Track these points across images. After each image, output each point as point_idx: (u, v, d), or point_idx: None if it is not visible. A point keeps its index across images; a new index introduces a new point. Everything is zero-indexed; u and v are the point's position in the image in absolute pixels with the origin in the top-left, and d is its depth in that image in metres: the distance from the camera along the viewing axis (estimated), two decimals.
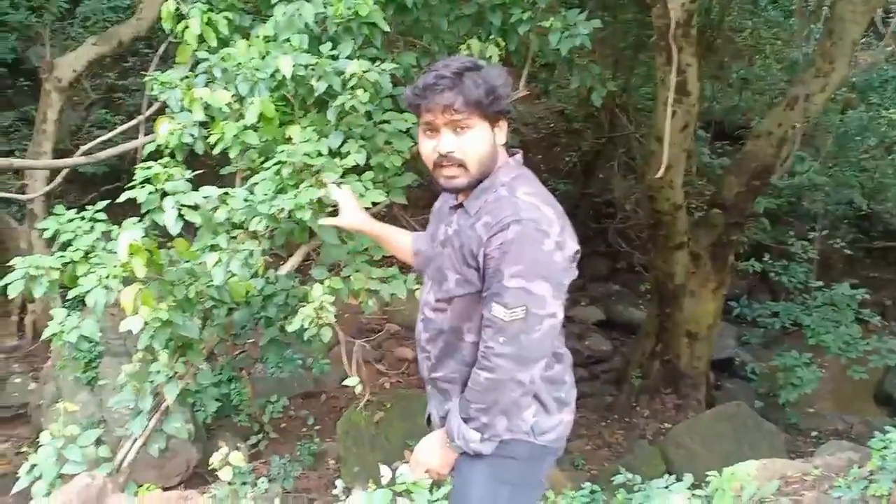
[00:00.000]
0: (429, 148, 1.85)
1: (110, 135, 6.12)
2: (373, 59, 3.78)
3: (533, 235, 1.71)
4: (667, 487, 3.22)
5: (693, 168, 8.72)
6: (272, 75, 3.61)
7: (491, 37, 4.06)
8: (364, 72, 3.51)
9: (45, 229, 3.84)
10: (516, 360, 1.73)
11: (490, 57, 3.91)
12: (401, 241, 2.33)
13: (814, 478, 3.39)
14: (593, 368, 8.47)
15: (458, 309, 1.86)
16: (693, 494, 2.93)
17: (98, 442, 3.74)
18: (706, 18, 8.03)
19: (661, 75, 6.36)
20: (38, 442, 3.69)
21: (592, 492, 3.76)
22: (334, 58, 3.66)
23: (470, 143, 1.80)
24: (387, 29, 3.81)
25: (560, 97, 9.86)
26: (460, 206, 1.89)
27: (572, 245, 1.80)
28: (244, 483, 4.40)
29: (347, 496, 2.15)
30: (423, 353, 2.00)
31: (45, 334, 3.66)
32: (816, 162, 8.69)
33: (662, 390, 7.51)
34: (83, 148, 5.91)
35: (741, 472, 2.84)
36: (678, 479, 3.29)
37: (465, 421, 1.82)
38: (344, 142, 3.74)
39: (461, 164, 1.82)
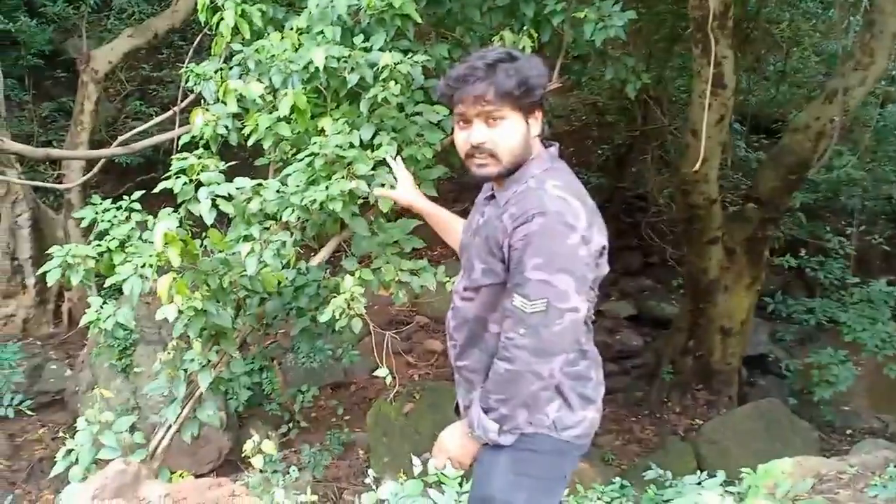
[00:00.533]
0: (462, 139, 1.86)
1: (145, 126, 6.18)
2: (405, 51, 3.78)
3: (557, 228, 1.70)
4: (699, 484, 3.18)
5: (728, 162, 8.61)
6: (305, 67, 3.63)
7: (524, 28, 4.02)
8: (396, 64, 3.51)
9: (81, 218, 3.90)
10: (536, 352, 1.72)
11: (523, 48, 3.88)
12: (452, 224, 2.31)
13: (849, 476, 3.33)
14: (624, 363, 8.41)
15: (484, 299, 1.86)
16: (726, 491, 2.89)
17: (132, 428, 3.79)
18: (743, 10, 7.89)
19: (697, 67, 6.28)
20: (75, 427, 3.76)
21: (622, 487, 3.74)
22: (367, 50, 3.66)
23: (501, 134, 1.80)
24: (419, 20, 3.80)
25: (593, 89, 9.75)
26: (492, 196, 1.88)
27: (599, 240, 1.78)
28: (275, 471, 4.45)
29: (378, 486, 2.16)
30: (451, 341, 2.00)
31: (82, 322, 3.72)
32: (854, 156, 8.51)
33: (694, 386, 7.44)
34: (120, 139, 5.99)
35: (775, 470, 2.79)
36: (710, 476, 3.25)
37: (485, 411, 1.82)
38: (375, 134, 3.74)
39: (492, 155, 1.82)
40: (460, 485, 2.97)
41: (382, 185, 3.60)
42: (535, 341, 1.71)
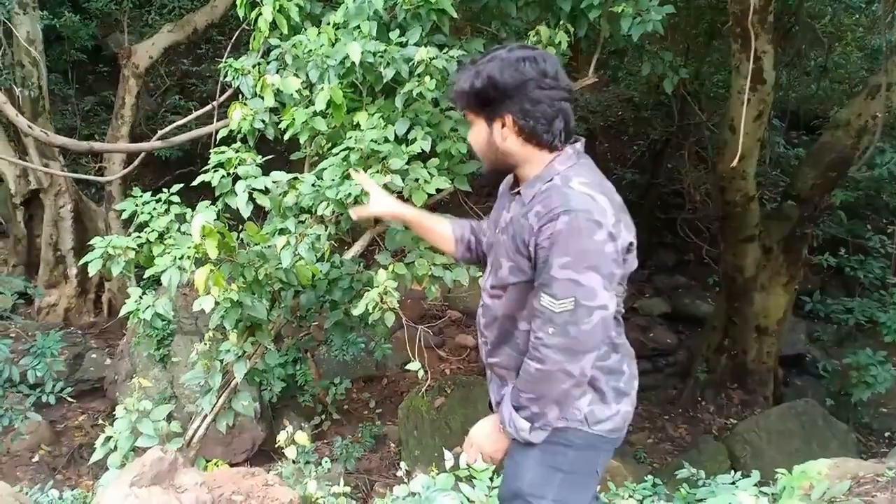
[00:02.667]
0: None
1: (184, 120, 6.28)
2: (440, 46, 3.78)
3: (583, 226, 1.69)
4: (733, 483, 3.15)
5: (766, 158, 8.48)
6: (341, 62, 3.65)
7: (560, 23, 4.00)
8: (432, 59, 3.52)
9: (122, 210, 3.98)
10: (565, 351, 1.72)
11: (559, 43, 3.86)
12: (438, 228, 2.27)
13: (887, 479, 3.27)
14: (657, 361, 8.34)
15: (513, 297, 1.86)
16: (760, 492, 2.86)
17: (169, 417, 3.86)
18: (783, 4, 7.76)
19: (736, 62, 6.19)
20: (114, 415, 3.84)
21: (654, 485, 3.72)
22: (402, 45, 3.68)
23: (472, 136, 1.89)
24: (455, 15, 3.80)
25: (629, 84, 9.67)
26: (517, 193, 1.89)
27: (627, 237, 1.77)
28: (308, 462, 4.51)
29: (410, 479, 2.18)
30: (481, 338, 2.01)
31: (122, 312, 3.80)
32: None
33: (728, 385, 7.36)
34: (160, 132, 6.09)
35: (812, 471, 2.75)
36: (745, 476, 3.22)
37: (516, 409, 1.82)
38: (410, 128, 3.76)
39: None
40: (491, 479, 2.98)
41: (416, 181, 3.62)
42: (565, 340, 1.71)
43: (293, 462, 3.75)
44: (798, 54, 9.54)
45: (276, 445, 3.49)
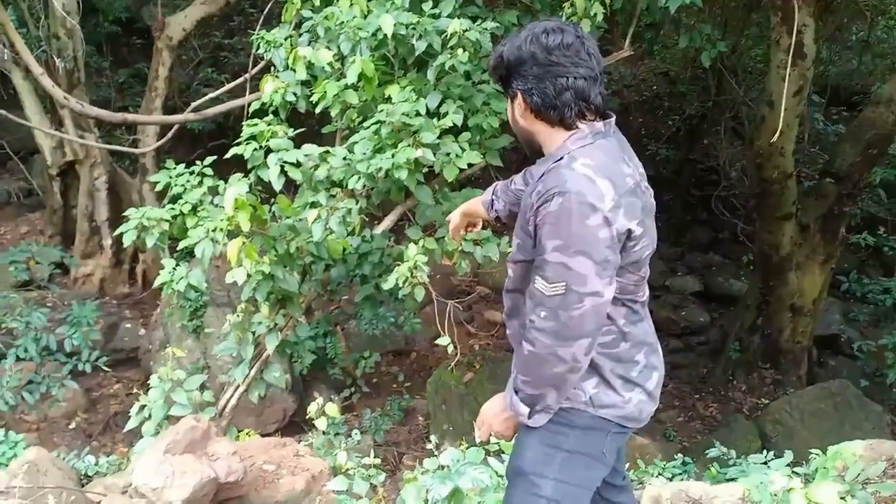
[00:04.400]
0: None
1: (217, 93, 6.29)
2: (473, 18, 3.74)
3: (575, 209, 1.64)
4: (765, 463, 3.12)
5: (805, 135, 8.30)
6: (374, 34, 3.62)
7: None
8: (465, 31, 3.48)
9: (156, 182, 4.02)
10: (556, 335, 1.68)
11: (595, 15, 3.79)
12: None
13: None
14: (689, 339, 8.27)
15: (519, 273, 1.86)
16: (793, 472, 2.83)
17: (202, 387, 3.92)
18: None
19: (776, 36, 6.04)
20: (148, 384, 3.91)
21: (684, 463, 3.71)
22: (435, 16, 3.64)
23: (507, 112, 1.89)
24: None
25: (665, 58, 9.50)
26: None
27: (625, 223, 1.69)
28: (337, 434, 4.56)
29: (439, 452, 2.19)
30: (504, 310, 2.01)
31: (156, 283, 3.85)
32: None
33: (761, 365, 7.28)
34: (193, 105, 6.12)
35: (846, 452, 2.71)
36: (777, 456, 3.18)
37: (515, 392, 1.81)
38: (442, 102, 3.73)
39: None
40: None
41: (448, 155, 3.60)
42: (555, 325, 1.67)
43: (323, 433, 3.79)
44: (839, 28, 9.28)
45: (307, 417, 3.52)
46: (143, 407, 3.78)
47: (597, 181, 1.67)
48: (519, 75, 1.76)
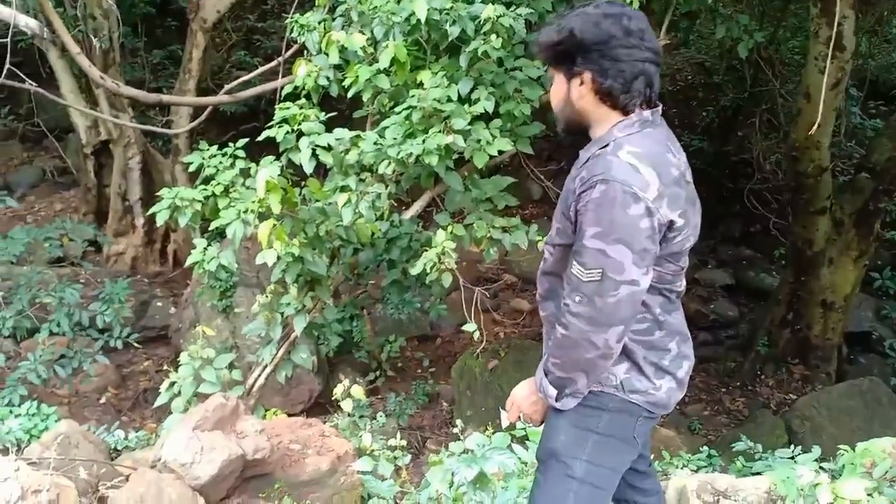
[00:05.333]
0: None
1: (250, 76, 6.33)
2: (507, 4, 3.72)
3: (618, 197, 1.63)
4: (792, 458, 3.09)
5: (842, 129, 8.16)
6: (407, 19, 3.62)
7: None
8: (498, 17, 3.47)
9: (188, 163, 4.06)
10: (590, 321, 1.68)
11: (631, 3, 3.75)
12: None
13: None
14: (718, 333, 8.18)
15: (558, 256, 1.86)
16: (820, 467, 2.80)
17: (231, 366, 3.98)
18: None
19: (815, 28, 5.93)
20: (178, 362, 3.97)
21: (710, 456, 3.69)
22: (469, 2, 3.62)
23: (551, 92, 1.84)
24: None
25: (700, 48, 9.38)
26: (577, 155, 1.87)
27: (667, 213, 1.69)
28: (362, 416, 4.59)
29: (464, 436, 2.21)
30: (537, 292, 2.01)
31: (188, 262, 3.90)
32: None
33: (790, 360, 7.19)
34: (226, 87, 6.16)
35: (875, 449, 2.68)
36: (804, 451, 3.16)
37: (545, 374, 1.83)
38: (474, 88, 3.72)
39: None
40: None
41: (478, 142, 3.59)
42: (590, 310, 1.68)
43: (348, 415, 3.83)
44: (880, 21, 9.08)
45: (333, 398, 3.56)
46: (172, 384, 3.84)
47: (641, 170, 1.66)
48: (593, 54, 1.73)
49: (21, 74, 5.62)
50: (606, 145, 1.74)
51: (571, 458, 1.85)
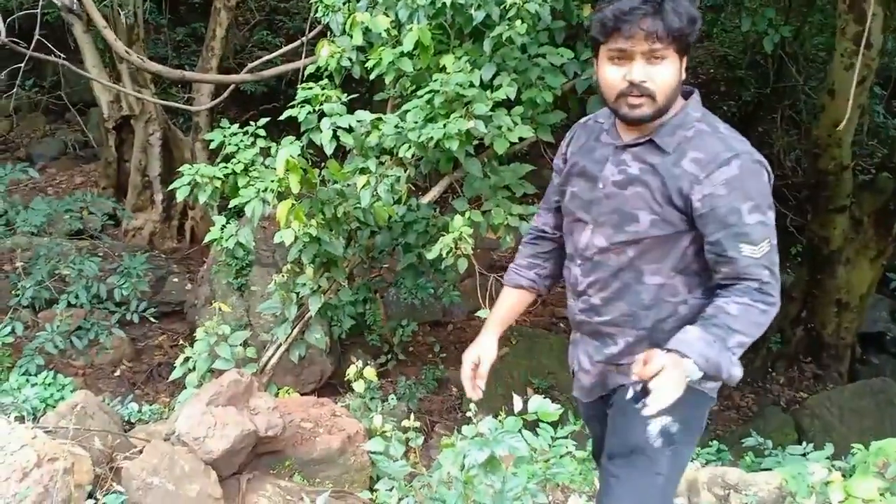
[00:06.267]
0: (617, 76, 1.74)
1: (272, 55, 6.34)
2: None
3: (754, 168, 1.71)
4: (804, 455, 3.09)
5: (864, 127, 8.08)
6: (432, 2, 3.61)
7: None
8: (524, 2, 3.45)
9: (208, 141, 4.08)
10: (775, 289, 1.73)
11: None
12: (509, 303, 2.20)
13: None
14: None
15: (645, 249, 1.79)
16: (832, 465, 2.80)
17: (245, 343, 4.01)
18: None
19: (842, 24, 5.87)
20: (193, 337, 4.01)
21: (719, 451, 3.69)
22: None
23: (662, 74, 1.71)
24: None
25: (724, 41, 9.30)
26: (644, 142, 1.79)
27: (772, 179, 1.77)
28: (373, 398, 4.62)
29: (477, 419, 2.22)
30: (579, 299, 1.93)
31: (206, 239, 3.93)
32: None
33: (802, 358, 7.17)
34: (249, 66, 6.18)
35: (889, 448, 2.67)
36: (815, 449, 3.15)
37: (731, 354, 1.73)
38: (496, 74, 3.71)
39: (650, 95, 1.73)
40: (555, 429, 3.00)
41: (499, 128, 3.57)
42: (774, 279, 1.73)
43: (360, 396, 3.85)
44: None
45: (345, 379, 3.60)
46: (187, 359, 3.88)
47: (746, 141, 1.74)
48: (694, 34, 1.75)
49: (51, 47, 5.66)
50: (692, 126, 1.77)
51: (658, 452, 1.82)
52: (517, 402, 1.93)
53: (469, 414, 2.27)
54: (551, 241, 2.11)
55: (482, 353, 2.09)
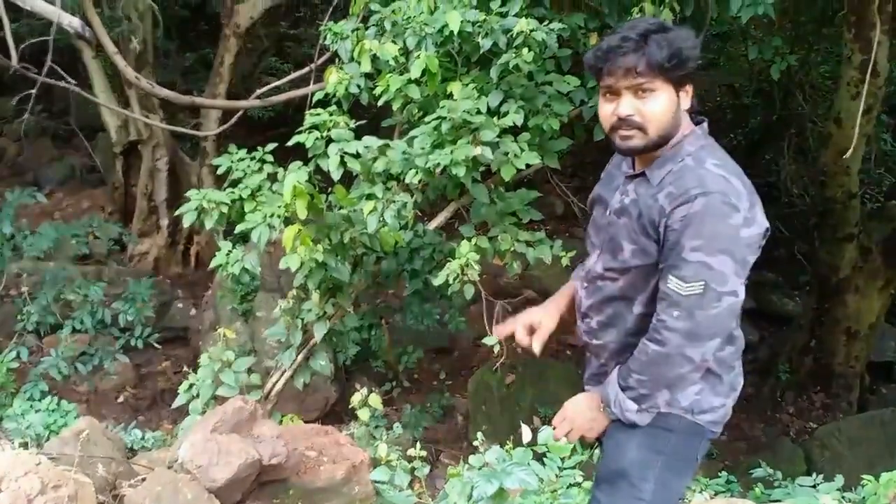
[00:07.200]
0: (608, 111, 1.79)
1: (281, 82, 6.37)
2: (540, 19, 3.72)
3: (720, 209, 1.66)
4: (814, 486, 3.04)
5: (872, 155, 8.08)
6: (440, 30, 3.64)
7: (666, 0, 3.87)
8: (531, 30, 3.47)
9: (215, 166, 4.09)
10: (688, 335, 1.69)
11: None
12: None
13: None
14: None
15: (632, 280, 1.82)
16: (843, 497, 2.75)
17: (249, 370, 3.98)
18: None
19: (848, 52, 5.89)
20: (197, 363, 3.98)
21: (728, 482, 3.64)
22: (502, 15, 3.63)
23: (651, 107, 1.74)
24: None
25: (730, 69, 9.33)
26: (640, 174, 1.82)
27: (762, 222, 1.72)
28: (377, 426, 4.59)
29: (484, 449, 2.19)
30: (583, 321, 1.98)
31: (212, 264, 3.92)
32: None
33: (811, 388, 7.10)
34: (257, 92, 6.21)
35: None
36: (825, 480, 3.10)
37: (623, 389, 1.80)
38: (503, 101, 3.72)
39: (639, 128, 1.75)
40: (562, 459, 2.96)
41: (506, 155, 3.58)
42: (689, 324, 1.68)
43: (364, 424, 3.82)
44: None
45: (350, 407, 3.56)
46: (191, 385, 3.85)
47: (731, 181, 1.70)
48: (692, 65, 1.75)
49: (62, 72, 5.70)
50: (682, 160, 1.75)
51: (641, 479, 1.84)
52: (525, 432, 1.90)
53: (476, 443, 2.24)
54: None
55: (544, 318, 2.09)
